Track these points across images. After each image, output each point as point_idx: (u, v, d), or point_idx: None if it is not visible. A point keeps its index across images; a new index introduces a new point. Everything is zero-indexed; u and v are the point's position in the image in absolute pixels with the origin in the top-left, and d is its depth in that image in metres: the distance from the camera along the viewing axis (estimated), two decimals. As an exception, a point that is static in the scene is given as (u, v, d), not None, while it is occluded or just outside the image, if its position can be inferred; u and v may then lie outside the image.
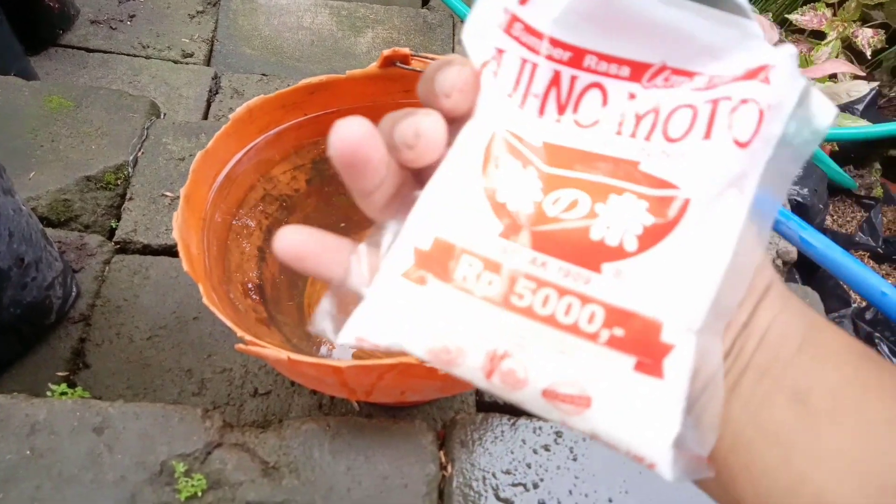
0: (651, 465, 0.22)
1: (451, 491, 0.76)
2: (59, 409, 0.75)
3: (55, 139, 1.10)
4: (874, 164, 1.68)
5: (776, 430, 0.22)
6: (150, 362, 0.90)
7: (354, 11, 1.69)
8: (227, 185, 0.79)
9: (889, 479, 0.20)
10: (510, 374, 0.22)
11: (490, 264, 0.23)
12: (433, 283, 0.23)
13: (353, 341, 0.24)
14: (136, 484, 0.71)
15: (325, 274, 0.26)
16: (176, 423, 0.76)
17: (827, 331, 0.23)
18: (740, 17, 0.22)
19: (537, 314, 0.22)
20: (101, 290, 0.96)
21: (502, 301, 0.22)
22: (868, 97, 1.58)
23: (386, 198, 0.24)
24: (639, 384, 0.21)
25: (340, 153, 0.23)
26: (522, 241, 0.23)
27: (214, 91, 1.40)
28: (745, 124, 0.22)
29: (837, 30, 1.60)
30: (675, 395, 0.21)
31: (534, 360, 0.22)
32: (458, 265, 0.23)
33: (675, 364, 0.21)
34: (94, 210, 1.05)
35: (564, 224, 0.22)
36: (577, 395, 0.22)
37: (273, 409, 0.88)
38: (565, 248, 0.22)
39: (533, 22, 0.24)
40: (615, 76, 0.24)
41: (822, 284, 1.36)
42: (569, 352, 0.22)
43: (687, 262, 0.22)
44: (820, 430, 0.21)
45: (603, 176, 0.23)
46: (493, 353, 0.22)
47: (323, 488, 0.74)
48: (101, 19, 1.50)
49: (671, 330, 0.21)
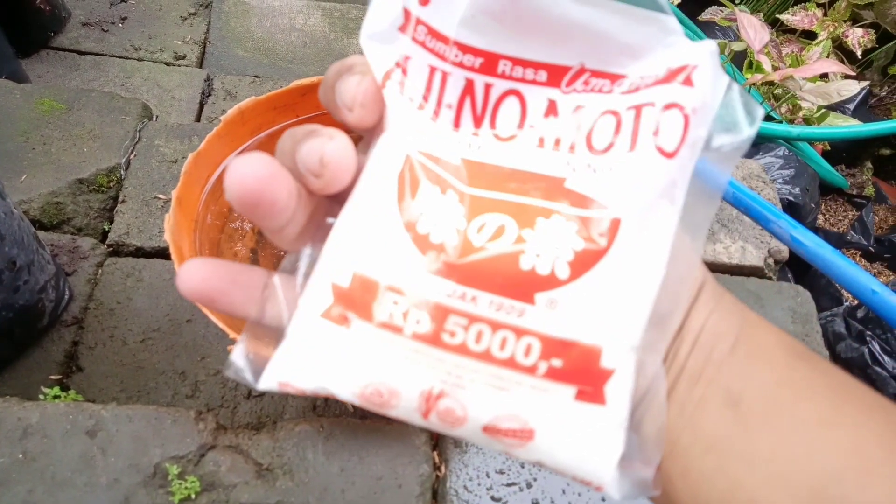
0: (598, 487, 0.22)
1: (444, 491, 0.76)
2: (52, 412, 0.75)
3: (47, 142, 1.10)
4: (865, 164, 1.69)
5: (711, 436, 0.22)
6: (143, 365, 0.90)
7: (347, 13, 1.69)
8: (219, 188, 0.79)
9: (820, 483, 0.20)
10: (448, 413, 0.22)
11: (416, 301, 0.21)
12: (356, 323, 0.21)
13: (275, 386, 0.22)
14: (129, 487, 0.71)
15: (239, 312, 0.23)
16: (169, 425, 0.76)
17: (760, 328, 0.23)
18: (658, 14, 0.21)
19: (471, 350, 0.21)
20: (93, 292, 0.96)
21: (433, 339, 0.21)
22: (859, 96, 1.59)
23: (299, 228, 0.22)
24: (580, 413, 0.21)
25: (241, 197, 0.20)
26: (449, 276, 0.21)
27: (207, 93, 1.40)
28: (670, 133, 0.21)
29: (828, 30, 1.61)
30: (616, 418, 0.21)
31: (471, 398, 0.21)
32: (381, 303, 0.21)
33: (615, 388, 0.21)
34: (87, 213, 1.05)
35: (492, 254, 0.21)
36: (519, 428, 0.21)
37: (267, 411, 0.88)
38: (495, 280, 0.21)
39: (437, 25, 0.22)
40: (532, 81, 0.22)
41: (814, 283, 1.37)
42: (507, 387, 0.21)
43: (622, 284, 0.21)
44: (752, 435, 0.21)
45: (528, 197, 0.22)
46: (429, 393, 0.21)
47: (317, 489, 0.74)
48: (93, 21, 1.50)
49: (610, 354, 0.21)
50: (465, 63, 0.22)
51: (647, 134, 0.21)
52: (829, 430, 0.21)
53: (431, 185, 0.22)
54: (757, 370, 0.22)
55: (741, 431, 0.21)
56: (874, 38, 1.60)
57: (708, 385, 0.22)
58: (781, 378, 0.22)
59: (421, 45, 0.22)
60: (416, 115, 0.23)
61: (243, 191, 0.20)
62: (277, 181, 0.21)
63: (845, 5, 1.61)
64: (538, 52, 0.22)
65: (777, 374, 0.22)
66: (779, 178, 1.40)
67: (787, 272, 1.32)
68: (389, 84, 0.22)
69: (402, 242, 0.21)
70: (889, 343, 1.16)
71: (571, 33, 0.21)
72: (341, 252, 0.22)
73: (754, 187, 1.25)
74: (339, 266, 0.22)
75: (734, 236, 1.16)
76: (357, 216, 0.22)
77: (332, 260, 0.22)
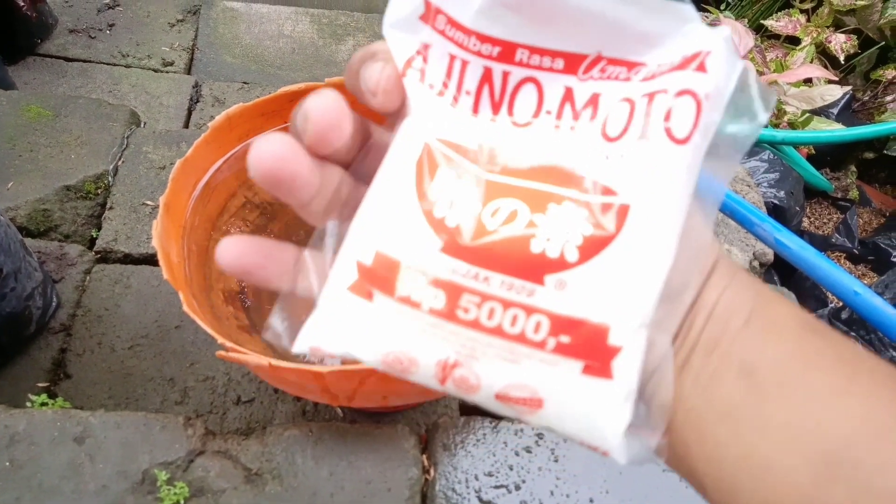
0: (605, 452, 0.23)
1: (433, 494, 0.77)
2: (40, 419, 0.75)
3: (34, 149, 1.09)
4: (850, 167, 1.71)
5: (726, 405, 0.22)
6: (131, 371, 0.90)
7: (335, 19, 1.69)
8: (207, 194, 0.79)
9: (832, 448, 0.21)
10: (463, 381, 0.23)
11: (433, 280, 0.23)
12: (379, 298, 0.23)
13: (307, 350, 0.24)
14: (117, 493, 0.71)
15: (274, 284, 0.25)
16: (158, 431, 0.76)
17: (774, 303, 0.24)
18: (674, 2, 0.21)
19: (484, 326, 0.22)
20: (81, 299, 0.95)
21: (448, 314, 0.22)
22: (842, 101, 1.61)
23: (325, 203, 0.24)
24: (588, 386, 0.22)
25: (263, 175, 0.22)
26: (463, 257, 0.22)
27: (195, 99, 1.40)
28: (682, 119, 0.21)
29: (811, 35, 1.63)
30: (623, 391, 0.22)
31: (484, 368, 0.23)
32: (401, 281, 0.23)
33: (623, 364, 0.22)
34: (74, 220, 1.05)
35: (504, 237, 0.22)
36: (529, 397, 0.23)
37: (256, 417, 0.88)
38: (506, 262, 0.22)
39: (456, 14, 0.23)
40: (549, 69, 0.23)
41: (800, 285, 1.38)
42: (517, 359, 0.22)
43: (630, 267, 0.22)
44: (766, 403, 0.22)
45: (541, 183, 0.23)
46: (445, 362, 0.23)
47: (306, 494, 0.74)
48: (80, 28, 1.50)
49: (618, 333, 0.22)
50: (483, 52, 0.23)
51: (659, 121, 0.21)
52: (842, 399, 0.21)
53: (449, 170, 0.23)
54: (771, 342, 0.22)
55: (755, 400, 0.22)
56: (856, 43, 1.62)
57: (722, 357, 0.23)
58: (795, 350, 0.22)
59: (441, 33, 0.23)
60: (436, 101, 0.24)
61: (264, 169, 0.22)
62: (296, 159, 0.23)
63: (828, 11, 1.63)
64: (555, 40, 0.23)
65: (790, 346, 0.22)
66: (763, 182, 1.42)
67: (773, 274, 1.33)
68: (410, 71, 0.24)
69: (419, 225, 0.23)
70: (872, 343, 1.17)
71: (588, 22, 0.22)
72: (365, 232, 0.24)
73: (739, 191, 1.26)
74: (363, 245, 0.24)
75: (719, 239, 1.17)
76: (379, 199, 0.24)
77: (357, 239, 0.24)
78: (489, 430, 0.83)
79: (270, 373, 0.60)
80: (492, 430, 0.83)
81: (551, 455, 0.81)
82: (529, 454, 0.81)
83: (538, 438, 0.82)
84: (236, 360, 0.57)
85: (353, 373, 0.58)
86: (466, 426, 0.83)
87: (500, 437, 0.82)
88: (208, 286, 0.77)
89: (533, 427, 0.20)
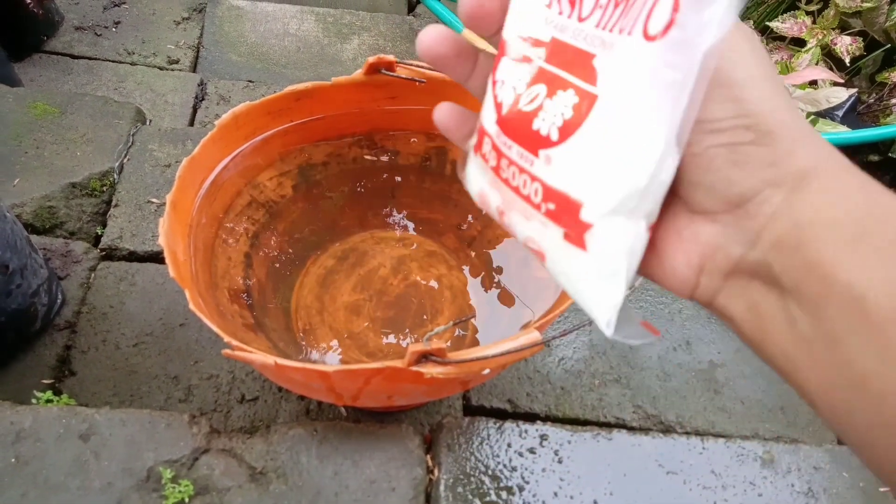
0: (596, 321, 0.26)
1: (437, 494, 0.77)
2: (45, 416, 0.75)
3: (40, 146, 1.09)
4: (854, 169, 1.71)
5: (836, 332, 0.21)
6: (136, 369, 0.90)
7: (340, 18, 1.69)
8: (213, 192, 0.79)
9: None
10: (509, 226, 0.30)
11: (492, 144, 0.29)
12: (476, 155, 0.31)
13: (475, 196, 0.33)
14: (122, 490, 0.71)
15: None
16: (163, 429, 0.76)
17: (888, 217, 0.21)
18: None
19: (511, 184, 0.28)
20: (86, 297, 0.95)
21: (496, 171, 0.29)
22: (847, 103, 1.60)
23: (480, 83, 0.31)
24: (569, 251, 0.26)
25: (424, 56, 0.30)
26: (502, 127, 0.28)
27: (200, 97, 1.40)
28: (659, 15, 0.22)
29: (817, 37, 1.63)
30: (603, 269, 0.25)
31: (514, 220, 0.29)
32: (484, 143, 0.30)
33: (597, 240, 0.25)
34: (80, 217, 1.05)
35: (519, 113, 0.27)
36: (537, 250, 0.28)
37: (260, 415, 0.88)
38: (518, 133, 0.27)
39: None
40: None
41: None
42: (528, 216, 0.28)
43: (600, 154, 0.24)
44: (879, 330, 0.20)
45: (565, 71, 0.26)
46: (499, 208, 0.30)
47: (310, 493, 0.74)
48: (86, 26, 1.50)
49: (589, 211, 0.25)
50: None
51: (642, 18, 0.23)
52: None
53: (516, 57, 0.28)
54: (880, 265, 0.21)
55: (866, 328, 0.21)
56: (862, 45, 1.61)
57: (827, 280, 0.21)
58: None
59: None
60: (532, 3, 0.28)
61: (423, 50, 0.30)
62: (448, 41, 0.30)
63: (834, 13, 1.63)
64: None
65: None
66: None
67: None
68: None
69: (489, 102, 0.30)
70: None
71: None
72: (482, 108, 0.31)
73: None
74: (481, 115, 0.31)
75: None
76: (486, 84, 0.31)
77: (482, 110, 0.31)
78: (493, 431, 0.83)
79: (276, 371, 0.60)
80: (496, 431, 0.83)
81: (555, 456, 0.81)
82: (533, 455, 0.81)
83: (542, 440, 0.82)
84: (242, 358, 0.57)
85: (359, 372, 0.58)
86: (470, 427, 0.83)
87: (504, 438, 0.82)
88: (213, 284, 0.77)
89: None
